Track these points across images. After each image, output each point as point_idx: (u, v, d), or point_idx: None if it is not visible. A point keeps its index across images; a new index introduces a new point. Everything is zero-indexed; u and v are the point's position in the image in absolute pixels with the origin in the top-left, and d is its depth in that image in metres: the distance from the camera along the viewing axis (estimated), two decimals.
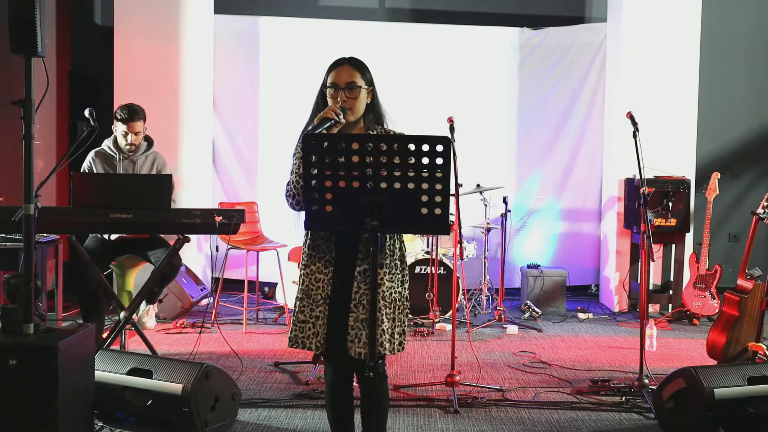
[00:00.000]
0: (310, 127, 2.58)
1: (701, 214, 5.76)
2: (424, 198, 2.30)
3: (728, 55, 6.68)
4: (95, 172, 4.52)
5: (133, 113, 4.49)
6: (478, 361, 4.45)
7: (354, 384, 2.79)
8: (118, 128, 4.50)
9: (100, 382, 3.12)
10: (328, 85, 2.64)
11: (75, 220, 3.76)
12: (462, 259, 5.64)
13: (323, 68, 2.73)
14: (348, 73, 2.62)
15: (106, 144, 4.60)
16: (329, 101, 2.63)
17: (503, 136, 6.70)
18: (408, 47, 6.48)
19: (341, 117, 2.54)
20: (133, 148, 4.54)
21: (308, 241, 2.64)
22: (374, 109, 2.69)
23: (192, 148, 6.05)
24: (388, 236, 2.63)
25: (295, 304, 2.66)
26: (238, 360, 4.38)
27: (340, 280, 2.59)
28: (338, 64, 2.66)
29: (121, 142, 4.52)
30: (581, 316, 5.90)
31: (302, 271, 2.64)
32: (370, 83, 2.68)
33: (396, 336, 2.63)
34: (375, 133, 2.65)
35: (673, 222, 5.82)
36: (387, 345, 2.58)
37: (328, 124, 2.49)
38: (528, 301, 5.90)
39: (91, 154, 4.54)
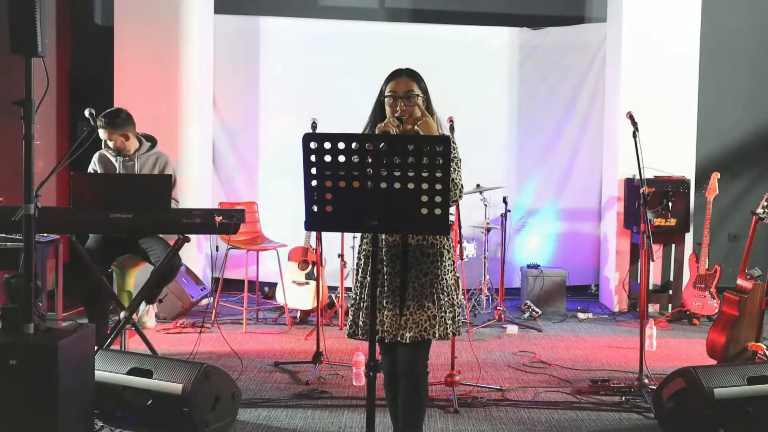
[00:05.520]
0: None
1: (701, 214, 5.76)
2: (424, 198, 2.31)
3: (728, 55, 6.68)
4: (99, 172, 4.51)
5: (109, 123, 4.34)
6: (478, 361, 4.45)
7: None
8: (100, 132, 4.38)
9: (100, 382, 3.12)
10: (386, 94, 2.76)
11: (75, 220, 3.76)
12: (462, 259, 5.64)
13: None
14: (406, 84, 2.76)
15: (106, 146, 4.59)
16: (387, 110, 2.75)
17: (503, 136, 6.70)
18: (408, 47, 6.46)
19: (399, 130, 2.65)
20: (126, 152, 4.46)
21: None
22: (430, 115, 2.79)
23: (192, 148, 6.05)
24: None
25: (363, 299, 2.78)
26: (238, 360, 4.38)
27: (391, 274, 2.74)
28: (396, 75, 2.80)
29: (108, 145, 4.47)
30: (581, 316, 5.90)
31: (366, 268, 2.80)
32: (425, 92, 2.82)
33: (448, 321, 2.77)
34: None
35: (672, 222, 5.82)
36: (436, 330, 2.72)
37: None
38: (528, 301, 5.90)
39: (96, 155, 4.53)
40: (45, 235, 4.39)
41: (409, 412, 2.82)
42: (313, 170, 2.31)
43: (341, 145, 2.29)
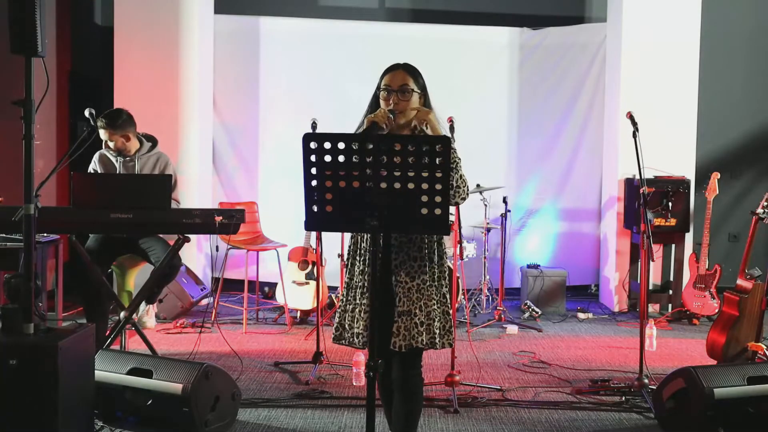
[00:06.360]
0: (361, 129, 2.65)
1: (701, 214, 5.77)
2: (424, 198, 2.31)
3: (728, 55, 6.69)
4: (99, 172, 4.51)
5: (110, 123, 4.35)
6: (478, 361, 4.45)
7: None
8: (101, 133, 4.41)
9: (100, 382, 3.12)
10: (382, 87, 2.72)
11: (75, 220, 3.76)
12: (462, 259, 5.64)
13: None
14: (401, 77, 2.72)
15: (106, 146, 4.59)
16: (382, 103, 2.71)
17: (503, 136, 6.71)
18: (408, 47, 6.46)
19: (391, 123, 2.61)
20: (126, 152, 4.46)
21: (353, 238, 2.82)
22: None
23: (192, 148, 6.05)
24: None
25: (350, 300, 2.75)
26: (238, 360, 4.38)
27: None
28: (393, 69, 2.76)
29: (109, 145, 4.47)
30: (581, 316, 5.90)
31: (353, 268, 2.77)
32: (422, 89, 2.77)
33: (437, 330, 2.68)
34: None
35: (672, 222, 5.82)
36: (423, 338, 2.65)
37: (377, 130, 2.55)
38: (528, 301, 5.90)
39: (96, 155, 4.53)
40: (45, 235, 4.39)
41: (403, 420, 2.78)
42: (313, 170, 2.30)
43: (341, 145, 2.29)
